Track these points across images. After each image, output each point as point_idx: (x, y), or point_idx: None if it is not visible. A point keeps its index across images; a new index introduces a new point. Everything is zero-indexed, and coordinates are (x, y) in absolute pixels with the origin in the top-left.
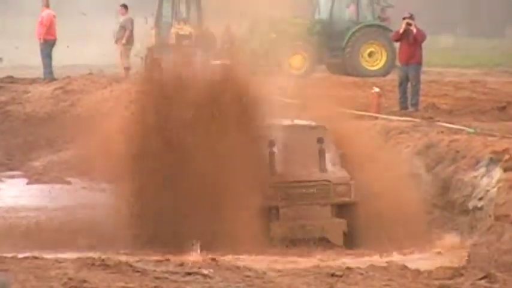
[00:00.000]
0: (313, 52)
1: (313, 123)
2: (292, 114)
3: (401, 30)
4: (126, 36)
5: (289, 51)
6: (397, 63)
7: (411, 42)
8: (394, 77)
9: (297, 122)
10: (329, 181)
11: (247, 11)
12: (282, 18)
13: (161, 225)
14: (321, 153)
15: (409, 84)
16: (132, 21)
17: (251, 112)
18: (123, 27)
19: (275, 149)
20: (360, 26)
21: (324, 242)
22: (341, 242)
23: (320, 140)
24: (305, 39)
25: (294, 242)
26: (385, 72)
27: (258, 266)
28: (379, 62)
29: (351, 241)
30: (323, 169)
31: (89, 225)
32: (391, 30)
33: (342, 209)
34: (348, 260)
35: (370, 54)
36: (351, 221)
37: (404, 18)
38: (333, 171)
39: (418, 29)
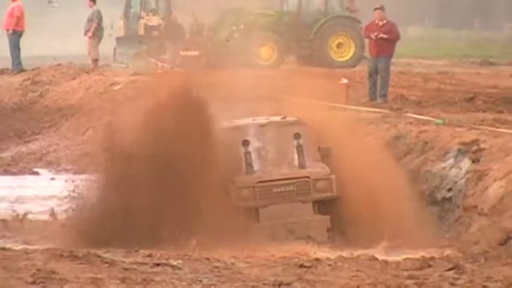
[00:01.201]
0: (281, 43)
1: (290, 119)
2: (269, 111)
3: (373, 36)
4: (92, 29)
5: (257, 42)
6: (366, 54)
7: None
8: (362, 68)
9: (273, 118)
10: (308, 177)
11: (216, 2)
12: (251, 9)
13: (135, 226)
14: (299, 149)
15: (378, 76)
16: (99, 14)
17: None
18: (90, 20)
19: (250, 149)
20: (328, 18)
21: (307, 240)
22: (325, 239)
23: (297, 136)
24: (274, 30)
25: (277, 243)
26: (353, 63)
27: (227, 257)
28: (347, 53)
29: (335, 237)
30: (302, 165)
31: None
32: (359, 22)
33: (325, 205)
34: None
35: (339, 46)
36: (335, 217)
37: (375, 9)
38: (313, 166)
39: (392, 30)
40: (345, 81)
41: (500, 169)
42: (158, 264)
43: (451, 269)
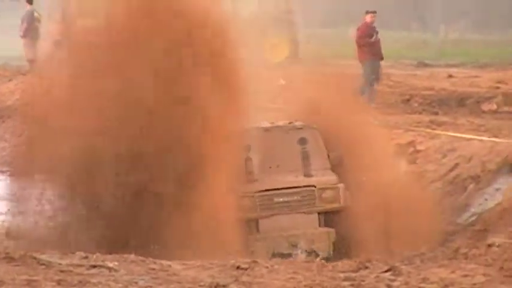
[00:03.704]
0: None
1: (298, 124)
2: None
3: (372, 39)
4: (22, 29)
5: None
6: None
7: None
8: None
9: (278, 123)
10: (314, 186)
11: None
12: None
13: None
14: (305, 156)
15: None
16: (31, 14)
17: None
18: (23, 20)
19: (251, 154)
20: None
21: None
22: (330, 253)
23: (303, 142)
24: None
25: (278, 256)
26: (288, 64)
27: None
28: (281, 54)
29: (341, 252)
30: (307, 173)
31: None
32: (294, 23)
33: (331, 217)
34: None
35: (273, 47)
36: (341, 230)
37: (368, 13)
38: (320, 175)
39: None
40: (283, 82)
41: (436, 170)
42: (94, 266)
43: (387, 270)
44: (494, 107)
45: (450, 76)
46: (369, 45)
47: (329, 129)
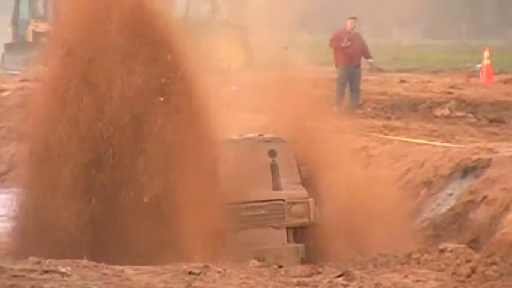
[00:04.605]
0: None
1: (268, 136)
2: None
3: (342, 44)
4: None
5: None
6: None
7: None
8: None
9: (248, 135)
10: (283, 200)
11: None
12: None
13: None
14: (274, 169)
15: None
16: None
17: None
18: None
19: (219, 167)
20: (215, 24)
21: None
22: None
23: (272, 154)
24: None
25: None
26: (241, 70)
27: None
28: (234, 60)
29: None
30: (276, 187)
31: None
32: (246, 28)
33: (300, 232)
34: None
35: (225, 52)
36: (310, 245)
37: (351, 18)
38: (288, 188)
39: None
40: (235, 88)
41: (389, 175)
42: (47, 271)
43: (340, 275)
44: (447, 112)
45: (403, 81)
46: (340, 49)
47: (287, 135)
